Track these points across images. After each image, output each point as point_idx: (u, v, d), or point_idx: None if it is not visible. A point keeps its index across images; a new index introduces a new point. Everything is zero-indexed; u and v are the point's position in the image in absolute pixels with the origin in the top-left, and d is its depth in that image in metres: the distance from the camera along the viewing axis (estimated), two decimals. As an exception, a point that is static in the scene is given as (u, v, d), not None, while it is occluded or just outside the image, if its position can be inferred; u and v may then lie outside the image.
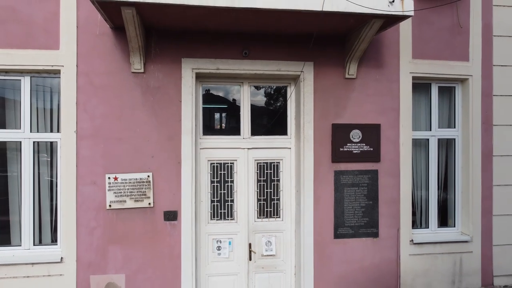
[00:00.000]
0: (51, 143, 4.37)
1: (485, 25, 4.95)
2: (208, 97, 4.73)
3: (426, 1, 4.77)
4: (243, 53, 4.43)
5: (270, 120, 4.84)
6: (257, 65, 4.47)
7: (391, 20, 3.97)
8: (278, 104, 4.89)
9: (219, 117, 4.87)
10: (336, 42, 4.57)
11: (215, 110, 4.83)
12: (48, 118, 4.37)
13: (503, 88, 4.98)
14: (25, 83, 4.24)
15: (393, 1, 3.76)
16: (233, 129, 4.78)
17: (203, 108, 4.66)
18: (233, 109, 4.79)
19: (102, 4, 3.48)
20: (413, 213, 5.02)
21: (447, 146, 5.18)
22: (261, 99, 4.86)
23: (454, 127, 5.10)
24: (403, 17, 3.90)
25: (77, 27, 4.14)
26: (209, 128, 4.74)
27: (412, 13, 3.83)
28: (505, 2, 4.97)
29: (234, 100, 4.81)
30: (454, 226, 5.10)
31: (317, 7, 3.63)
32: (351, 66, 4.57)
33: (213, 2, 3.50)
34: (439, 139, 5.09)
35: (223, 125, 4.86)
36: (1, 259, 4.09)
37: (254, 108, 4.76)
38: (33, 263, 4.09)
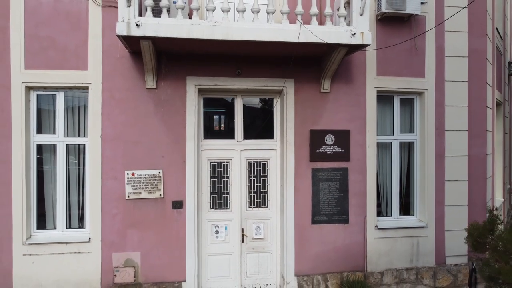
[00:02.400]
0: (79, 145, 5.34)
1: (438, 47, 5.94)
2: (209, 99, 5.69)
3: (387, 29, 5.75)
4: (237, 72, 5.41)
5: (259, 126, 5.82)
6: (248, 82, 5.45)
7: (354, 48, 4.97)
8: (266, 113, 5.86)
9: (218, 118, 5.85)
10: (313, 63, 5.55)
11: (215, 113, 5.81)
12: (76, 125, 5.35)
13: (453, 99, 5.97)
14: (60, 97, 5.22)
15: (355, 34, 4.75)
16: (229, 132, 5.74)
17: (204, 111, 5.64)
18: (230, 110, 5.74)
19: (125, 37, 4.46)
20: (379, 205, 6.01)
21: (409, 148, 6.16)
22: (252, 109, 5.84)
23: (413, 132, 6.10)
24: (362, 46, 4.89)
25: (102, 52, 5.12)
26: (209, 129, 5.71)
27: (369, 43, 4.83)
28: (455, 28, 5.95)
29: (233, 99, 5.74)
30: (413, 215, 6.09)
31: (293, 39, 4.62)
32: (325, 82, 5.55)
33: (211, 35, 4.49)
34: (400, 142, 6.08)
35: (222, 125, 5.83)
36: (41, 239, 5.07)
37: (246, 116, 5.74)
38: (66, 242, 5.06)
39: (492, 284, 3.19)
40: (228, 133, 5.77)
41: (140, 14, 4.55)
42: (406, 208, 6.15)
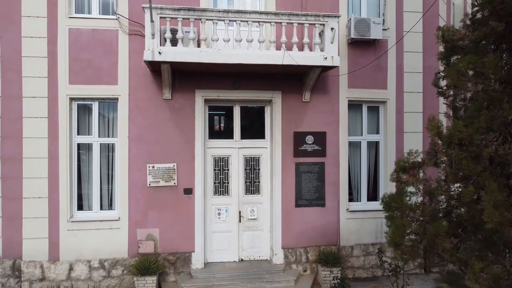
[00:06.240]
0: (109, 144, 6.70)
1: (398, 65, 7.32)
2: (213, 106, 7.02)
3: (357, 51, 7.12)
4: (235, 85, 6.78)
5: (253, 128, 7.20)
6: (244, 93, 6.83)
7: (326, 68, 6.35)
8: (259, 118, 7.24)
9: (219, 119, 7.21)
10: (296, 78, 6.92)
11: (216, 114, 7.17)
12: (107, 127, 6.71)
13: (410, 107, 7.36)
14: (95, 106, 6.59)
15: (326, 58, 6.13)
16: (229, 132, 7.10)
17: (208, 113, 7.01)
18: (229, 113, 7.09)
19: (150, 62, 5.83)
20: (351, 192, 7.39)
21: (375, 146, 7.55)
22: (247, 115, 7.21)
23: (379, 133, 7.48)
24: (333, 67, 6.29)
25: (129, 70, 6.48)
26: (212, 129, 7.05)
27: (338, 64, 6.24)
28: (412, 49, 7.33)
29: (232, 106, 7.05)
30: (378, 200, 7.43)
31: (279, 62, 6.00)
32: (306, 93, 6.93)
33: (215, 60, 5.87)
34: (368, 142, 7.47)
35: (222, 125, 7.20)
36: (81, 218, 6.44)
37: (242, 120, 7.11)
38: (101, 220, 6.43)
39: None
40: (228, 134, 7.13)
41: (160, 43, 5.91)
42: (373, 195, 7.54)
